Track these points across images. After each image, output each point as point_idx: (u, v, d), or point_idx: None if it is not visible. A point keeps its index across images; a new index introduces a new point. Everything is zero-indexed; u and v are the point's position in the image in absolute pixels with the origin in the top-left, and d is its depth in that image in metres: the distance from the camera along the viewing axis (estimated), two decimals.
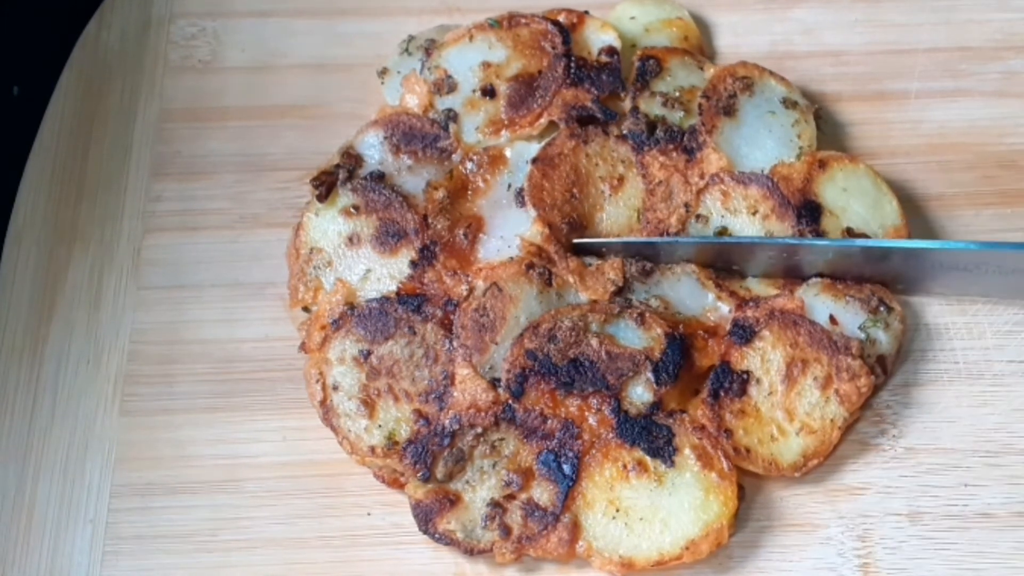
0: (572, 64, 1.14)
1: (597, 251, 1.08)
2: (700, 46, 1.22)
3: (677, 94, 1.14)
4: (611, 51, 1.16)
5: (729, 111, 1.12)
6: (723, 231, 1.08)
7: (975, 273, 1.03)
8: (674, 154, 1.11)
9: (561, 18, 1.17)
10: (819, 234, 1.06)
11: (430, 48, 1.18)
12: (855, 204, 1.08)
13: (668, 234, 1.07)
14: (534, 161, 1.10)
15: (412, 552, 0.99)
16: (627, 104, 1.14)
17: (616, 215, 1.10)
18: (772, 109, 1.13)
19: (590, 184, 1.10)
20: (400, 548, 1.00)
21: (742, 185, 1.09)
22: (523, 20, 1.17)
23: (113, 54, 1.26)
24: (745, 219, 1.08)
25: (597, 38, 1.17)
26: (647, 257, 1.07)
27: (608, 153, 1.11)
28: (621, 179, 1.11)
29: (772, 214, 1.07)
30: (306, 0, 1.29)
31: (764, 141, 1.11)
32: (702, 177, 1.10)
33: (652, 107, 1.13)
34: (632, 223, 1.09)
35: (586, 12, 1.19)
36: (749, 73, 1.15)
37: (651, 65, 1.15)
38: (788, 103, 1.14)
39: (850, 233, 1.06)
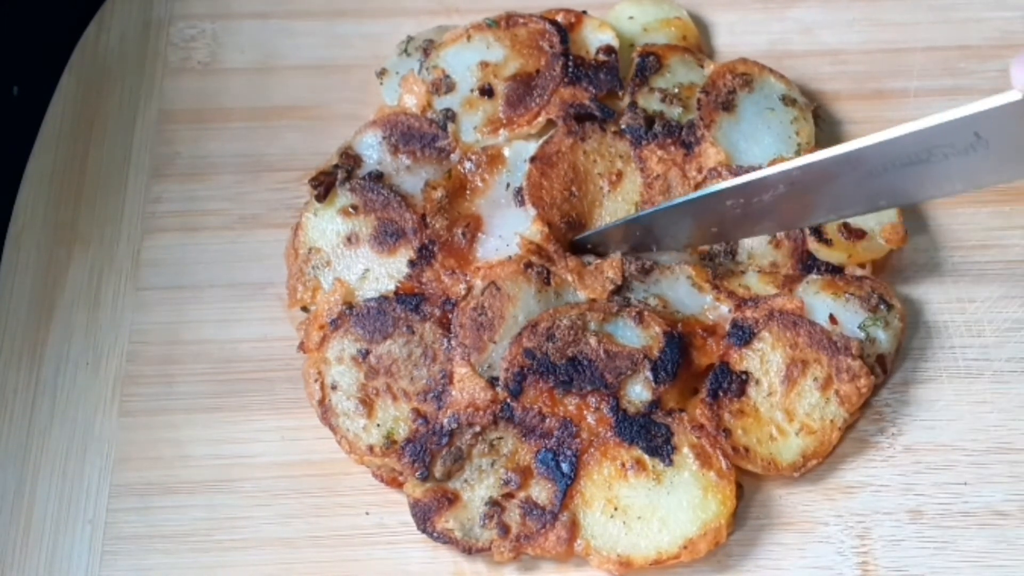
0: (570, 63, 1.14)
1: (597, 251, 1.08)
2: (699, 45, 1.22)
3: (676, 90, 1.14)
4: (609, 50, 1.16)
5: (728, 107, 1.12)
6: None
7: (930, 164, 0.90)
8: (672, 148, 1.11)
9: (559, 18, 1.18)
10: (816, 228, 1.06)
11: (428, 48, 1.18)
12: None
13: None
14: (532, 160, 1.10)
15: (410, 551, 0.99)
16: (626, 100, 1.14)
17: (615, 210, 1.10)
18: (771, 106, 1.13)
19: (588, 181, 1.10)
20: (398, 547, 0.99)
21: None
22: (521, 20, 1.17)
23: (113, 56, 1.26)
24: None
25: (595, 37, 1.17)
26: (646, 246, 1.07)
27: (606, 149, 1.11)
28: (619, 174, 1.11)
29: None
30: (305, 1, 1.29)
31: (762, 137, 1.12)
32: (700, 171, 1.10)
33: (650, 103, 1.13)
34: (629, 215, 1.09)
35: (584, 12, 1.19)
36: (749, 70, 1.15)
37: (651, 62, 1.15)
38: (787, 100, 1.14)
39: (846, 228, 1.06)
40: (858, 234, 1.07)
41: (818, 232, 1.06)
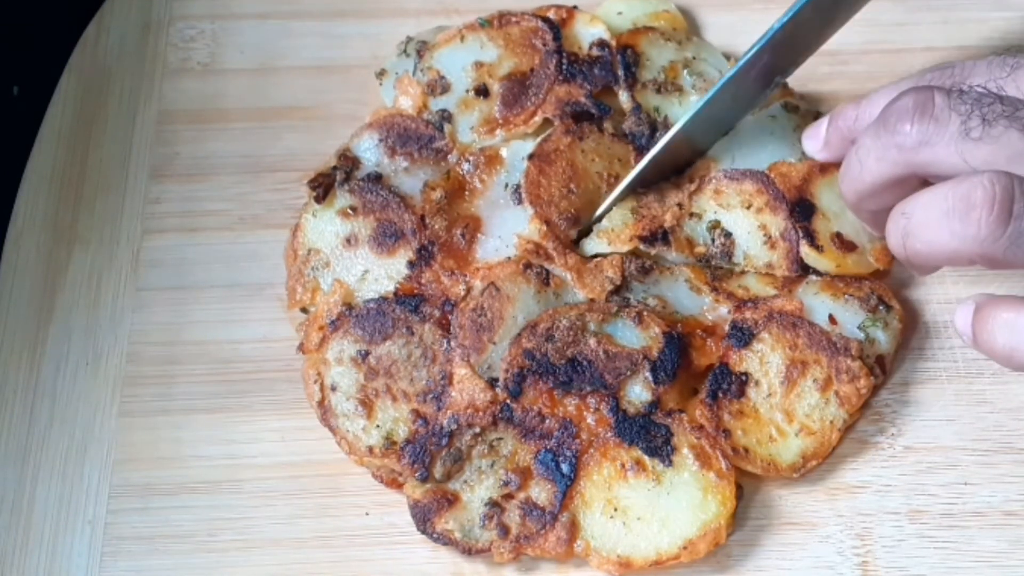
0: (564, 60, 1.14)
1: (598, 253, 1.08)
2: (687, 37, 1.21)
3: (663, 77, 1.14)
4: (602, 44, 1.16)
5: None
6: (716, 225, 1.08)
7: None
8: None
9: (550, 14, 1.18)
10: (809, 233, 1.06)
11: (422, 49, 1.18)
12: (850, 212, 1.07)
13: (663, 228, 1.07)
14: (530, 158, 1.10)
15: (410, 552, 0.99)
16: (625, 101, 1.14)
17: (612, 210, 1.09)
18: (772, 114, 1.13)
19: (587, 179, 1.10)
20: (398, 548, 0.99)
21: (735, 181, 1.09)
22: (513, 18, 1.17)
23: (112, 56, 1.26)
24: (739, 213, 1.08)
25: (587, 32, 1.17)
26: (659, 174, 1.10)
27: (605, 150, 1.11)
28: (617, 177, 1.10)
29: (766, 207, 1.07)
30: (305, 2, 1.29)
31: (766, 143, 1.11)
32: (691, 181, 1.10)
33: (647, 98, 1.13)
34: (627, 218, 1.09)
35: (575, 7, 1.19)
36: None
37: (630, 56, 1.15)
38: (789, 107, 1.14)
39: (839, 239, 1.06)
40: (849, 246, 1.06)
41: (811, 237, 1.06)
